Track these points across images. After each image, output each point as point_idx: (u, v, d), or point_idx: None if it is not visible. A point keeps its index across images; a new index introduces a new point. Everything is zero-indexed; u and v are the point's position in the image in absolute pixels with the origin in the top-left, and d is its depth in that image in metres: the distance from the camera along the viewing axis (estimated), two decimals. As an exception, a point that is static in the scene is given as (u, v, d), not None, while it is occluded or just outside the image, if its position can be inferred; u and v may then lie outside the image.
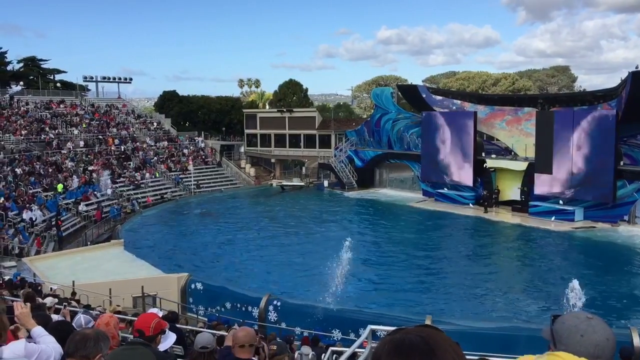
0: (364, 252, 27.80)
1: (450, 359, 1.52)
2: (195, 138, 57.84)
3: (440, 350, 1.52)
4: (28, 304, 4.08)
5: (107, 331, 4.06)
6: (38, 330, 3.76)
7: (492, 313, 18.89)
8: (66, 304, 11.98)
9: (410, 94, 45.05)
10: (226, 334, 11.68)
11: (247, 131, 59.72)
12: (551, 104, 36.18)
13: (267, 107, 69.23)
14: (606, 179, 30.95)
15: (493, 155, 39.04)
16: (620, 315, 18.42)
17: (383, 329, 6.07)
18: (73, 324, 5.52)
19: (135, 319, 6.03)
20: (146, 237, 31.49)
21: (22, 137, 44.01)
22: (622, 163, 31.06)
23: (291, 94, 69.50)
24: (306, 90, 72.06)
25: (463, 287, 21.65)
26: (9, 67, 69.32)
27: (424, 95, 43.29)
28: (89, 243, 30.88)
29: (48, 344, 3.65)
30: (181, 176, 48.10)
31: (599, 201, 31.68)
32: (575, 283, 17.33)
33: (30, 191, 35.31)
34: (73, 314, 7.17)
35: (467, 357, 5.79)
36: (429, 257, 26.36)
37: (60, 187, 37.81)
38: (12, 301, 4.90)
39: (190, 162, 51.11)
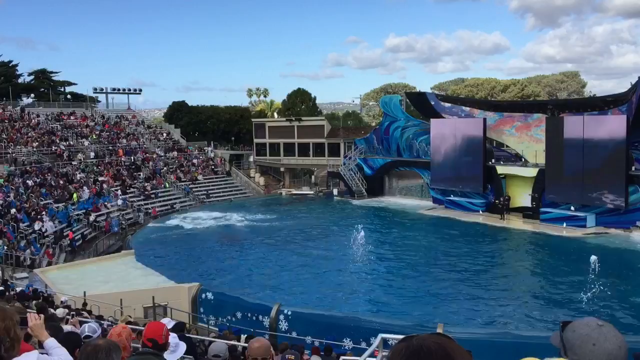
0: (375, 260, 27.73)
1: None
2: (205, 148, 58.07)
3: (457, 357, 1.52)
4: (42, 315, 4.09)
5: (119, 342, 4.07)
6: (51, 342, 3.77)
7: (505, 320, 18.74)
8: (74, 313, 12.05)
9: (418, 102, 45.04)
10: (237, 343, 11.68)
11: (256, 140, 59.89)
12: (561, 109, 36.02)
13: (276, 116, 69.44)
14: (618, 185, 30.73)
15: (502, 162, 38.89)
16: (634, 320, 18.23)
17: (394, 338, 6.05)
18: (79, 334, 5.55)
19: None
20: (157, 247, 31.55)
21: (33, 149, 44.37)
22: (633, 168, 30.85)
23: (300, 102, 69.68)
24: (314, 99, 72.23)
25: (475, 295, 21.50)
26: (20, 80, 70.06)
27: (432, 103, 43.27)
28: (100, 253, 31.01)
29: (60, 355, 3.65)
30: (191, 186, 48.27)
31: (610, 207, 31.44)
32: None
33: (42, 202, 35.54)
34: (82, 324, 7.18)
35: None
36: (440, 264, 26.22)
37: (75, 196, 38.21)
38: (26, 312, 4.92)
39: (200, 172, 51.32)
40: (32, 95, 68.99)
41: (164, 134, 58.15)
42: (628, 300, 20.42)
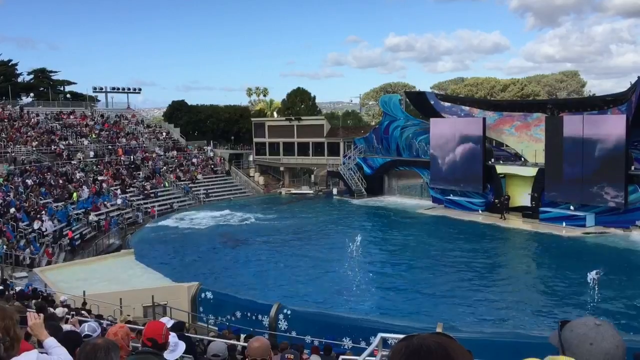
0: (374, 259, 27.74)
1: None
2: (204, 147, 58.03)
3: (458, 356, 1.52)
4: (41, 315, 4.08)
5: (115, 342, 4.07)
6: (50, 342, 3.76)
7: (505, 320, 18.75)
8: (74, 313, 12.05)
9: (418, 101, 45.03)
10: (236, 342, 11.68)
11: (255, 140, 59.84)
12: (560, 109, 36.01)
13: (276, 115, 69.40)
14: (617, 184, 30.73)
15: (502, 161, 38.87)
16: (634, 320, 18.23)
17: (394, 337, 6.05)
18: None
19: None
20: (156, 246, 31.54)
21: (32, 148, 44.34)
22: (633, 168, 30.85)
23: (299, 102, 69.66)
24: (314, 98, 72.22)
25: (475, 294, 21.50)
26: (20, 79, 70.01)
27: (432, 102, 43.25)
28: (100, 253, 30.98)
29: (60, 355, 3.65)
30: (190, 185, 48.25)
31: (610, 206, 31.44)
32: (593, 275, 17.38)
33: (41, 202, 35.51)
34: (82, 324, 7.17)
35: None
36: (439, 264, 26.22)
37: (75, 195, 38.24)
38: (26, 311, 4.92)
39: (200, 172, 51.28)
40: (32, 94, 68.94)
41: (164, 133, 58.09)
42: (627, 299, 20.41)
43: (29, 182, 38.35)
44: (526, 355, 2.10)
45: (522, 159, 38.13)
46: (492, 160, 38.34)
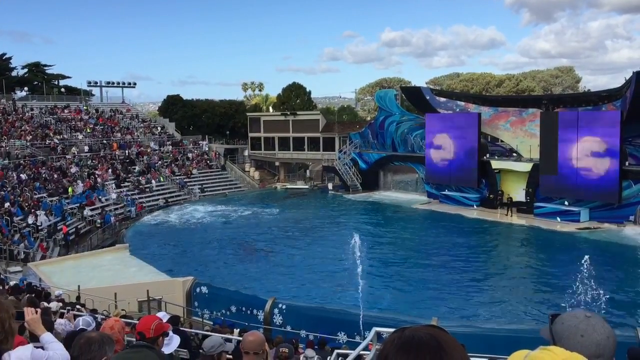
0: (369, 254, 27.75)
1: (458, 357, 1.52)
2: (200, 142, 57.90)
3: (449, 348, 1.53)
4: (39, 310, 4.08)
5: (112, 335, 4.07)
6: (47, 337, 3.76)
7: (498, 314, 18.82)
8: (69, 307, 12.03)
9: (413, 96, 45.02)
10: (231, 336, 11.69)
11: (251, 134, 59.77)
12: (555, 104, 36.07)
13: (271, 110, 69.30)
14: (611, 180, 30.84)
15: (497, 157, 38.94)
16: (628, 315, 18.34)
17: (388, 331, 6.07)
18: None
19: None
20: (151, 241, 31.49)
21: (27, 143, 44.14)
22: (627, 163, 30.97)
23: (294, 97, 69.55)
24: (309, 93, 72.10)
25: (469, 289, 21.59)
26: (14, 73, 69.59)
27: (427, 97, 43.25)
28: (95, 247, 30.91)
29: (56, 350, 3.64)
30: (185, 180, 48.18)
31: (604, 202, 31.57)
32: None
33: (36, 196, 35.39)
34: (77, 318, 7.18)
35: (473, 359, 5.78)
36: (435, 259, 26.29)
37: (70, 190, 38.13)
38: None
39: (195, 166, 51.19)
40: (26, 88, 68.54)
41: (159, 128, 57.95)
42: (620, 295, 20.52)
43: (23, 176, 38.20)
44: (518, 348, 2.12)
45: (517, 154, 38.22)
46: (487, 155, 38.41)
